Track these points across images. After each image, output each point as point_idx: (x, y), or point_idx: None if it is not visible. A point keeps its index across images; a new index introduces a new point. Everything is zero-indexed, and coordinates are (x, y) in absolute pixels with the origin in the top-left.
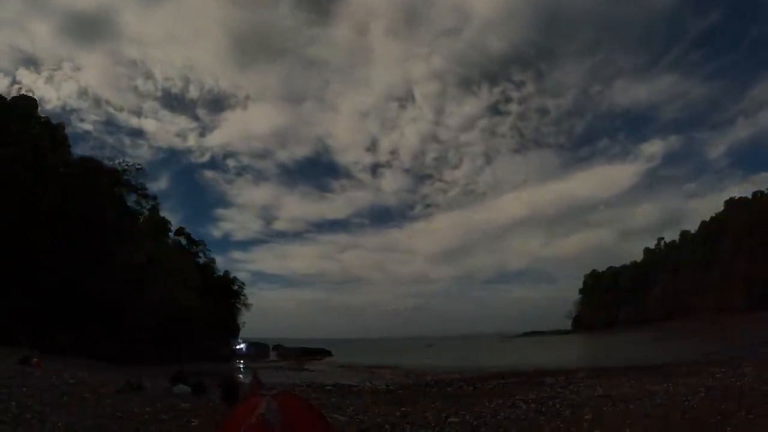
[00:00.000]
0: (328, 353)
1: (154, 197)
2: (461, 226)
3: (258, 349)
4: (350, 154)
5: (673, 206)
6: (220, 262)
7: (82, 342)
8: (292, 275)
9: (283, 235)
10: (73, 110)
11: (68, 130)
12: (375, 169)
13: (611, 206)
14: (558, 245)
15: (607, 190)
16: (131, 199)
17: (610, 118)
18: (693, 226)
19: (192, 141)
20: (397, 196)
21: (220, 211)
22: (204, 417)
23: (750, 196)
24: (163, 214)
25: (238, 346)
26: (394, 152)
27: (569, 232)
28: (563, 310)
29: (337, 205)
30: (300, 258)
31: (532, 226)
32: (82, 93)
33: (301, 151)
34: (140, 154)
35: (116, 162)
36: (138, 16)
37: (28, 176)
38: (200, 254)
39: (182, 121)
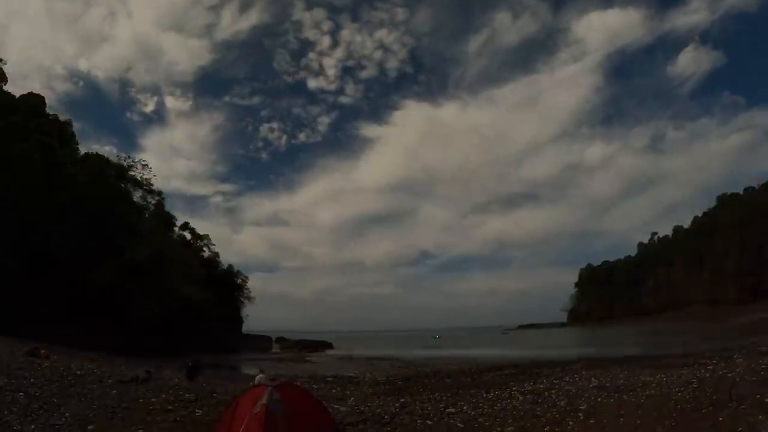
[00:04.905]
0: (329, 345)
1: (160, 192)
2: (342, 193)
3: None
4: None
5: (641, 163)
6: None
7: (90, 334)
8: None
9: None
10: None
11: None
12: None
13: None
14: (498, 222)
15: (531, 127)
16: (137, 195)
17: None
18: (675, 197)
19: None
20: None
21: None
22: (209, 407)
23: (741, 192)
24: None
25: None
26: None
27: (508, 204)
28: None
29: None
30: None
31: (440, 191)
32: None
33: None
34: None
35: (123, 158)
36: None
37: (38, 173)
38: (204, 249)
39: None
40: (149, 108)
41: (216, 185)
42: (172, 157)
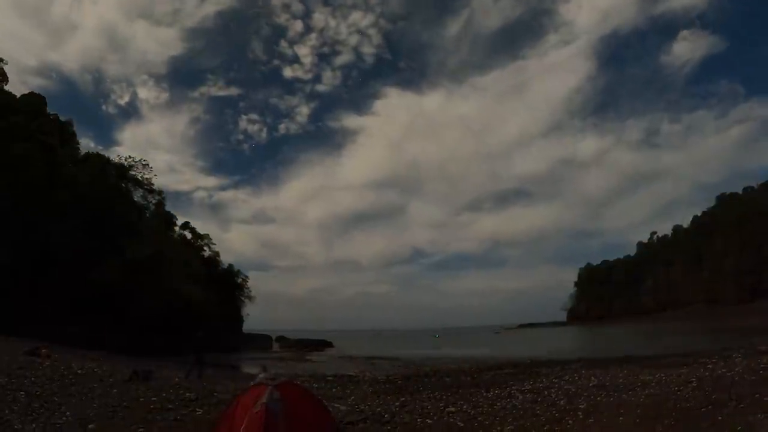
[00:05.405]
0: (329, 344)
1: (160, 192)
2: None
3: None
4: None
5: (636, 158)
6: None
7: (90, 333)
8: None
9: None
10: None
11: None
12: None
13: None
14: (489, 220)
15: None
16: (138, 194)
17: None
18: (672, 194)
19: None
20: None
21: None
22: (209, 406)
23: (740, 191)
24: None
25: None
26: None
27: (501, 201)
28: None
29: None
30: None
31: (429, 188)
32: None
33: None
34: None
35: (123, 158)
36: None
37: (39, 172)
38: (205, 248)
39: None
40: (124, 100)
41: (198, 180)
42: (150, 151)
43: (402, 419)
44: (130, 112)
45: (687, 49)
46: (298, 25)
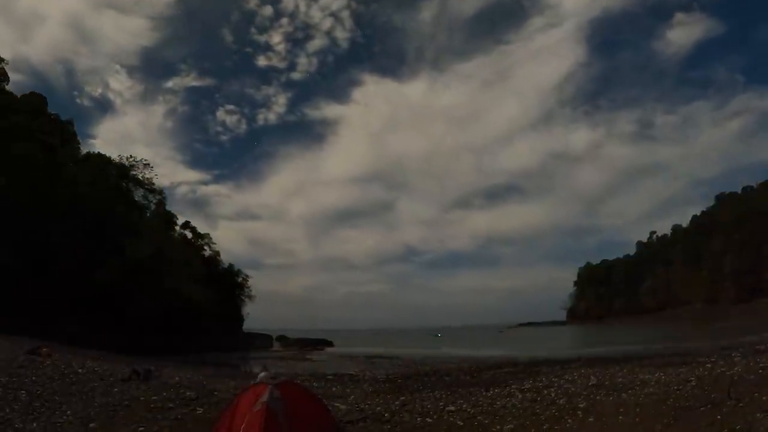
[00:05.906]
0: (330, 343)
1: (161, 191)
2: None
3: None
4: None
5: (631, 153)
6: None
7: (91, 332)
8: None
9: None
10: None
11: None
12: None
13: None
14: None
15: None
16: (138, 194)
17: None
18: (669, 190)
19: None
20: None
21: None
22: (210, 405)
23: (739, 190)
24: None
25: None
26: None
27: (492, 198)
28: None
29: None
30: None
31: (416, 184)
32: None
33: None
34: None
35: (124, 157)
36: None
37: (39, 172)
38: (205, 247)
39: None
40: (97, 92)
41: (178, 175)
42: (128, 145)
43: (402, 418)
44: (105, 105)
45: (682, 33)
46: (268, 10)
